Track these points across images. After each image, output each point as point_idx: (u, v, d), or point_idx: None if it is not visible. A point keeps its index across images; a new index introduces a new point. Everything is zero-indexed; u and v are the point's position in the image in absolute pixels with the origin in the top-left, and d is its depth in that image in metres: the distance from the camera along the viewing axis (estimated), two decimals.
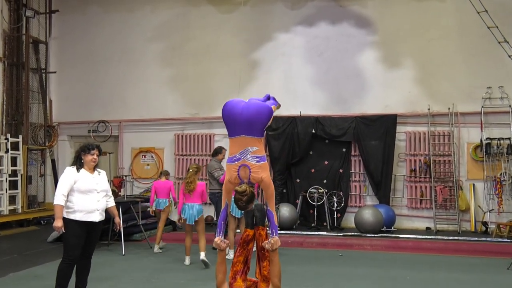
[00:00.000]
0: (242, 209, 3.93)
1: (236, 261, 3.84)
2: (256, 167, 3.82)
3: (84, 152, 4.97)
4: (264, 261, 3.82)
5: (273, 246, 3.69)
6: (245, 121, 3.91)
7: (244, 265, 3.85)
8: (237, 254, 3.87)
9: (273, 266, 3.73)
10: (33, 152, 12.04)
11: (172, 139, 12.14)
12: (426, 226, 10.62)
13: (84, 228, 4.85)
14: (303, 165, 11.25)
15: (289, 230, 9.91)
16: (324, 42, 11.54)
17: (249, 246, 3.91)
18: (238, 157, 3.87)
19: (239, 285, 3.81)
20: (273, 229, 3.81)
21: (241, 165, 3.84)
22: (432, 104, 10.74)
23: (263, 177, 3.83)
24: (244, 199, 3.80)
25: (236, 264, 3.84)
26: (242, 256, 3.85)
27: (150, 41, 12.38)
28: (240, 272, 3.83)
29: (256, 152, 3.87)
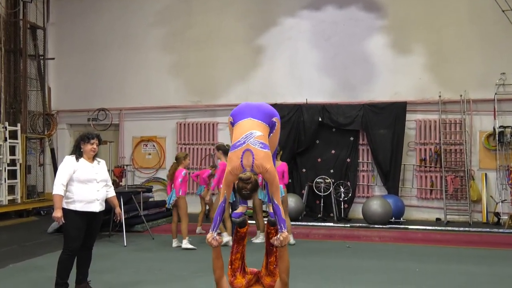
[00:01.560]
0: (246, 198, 3.78)
1: (234, 258, 3.78)
2: (259, 153, 3.67)
3: (84, 141, 4.97)
4: (271, 256, 3.77)
5: (282, 243, 3.55)
6: (254, 107, 3.93)
7: (241, 261, 3.81)
8: (234, 251, 3.80)
9: (282, 262, 3.62)
10: (32, 141, 12.09)
11: (174, 127, 12.15)
12: (436, 217, 10.61)
13: (84, 218, 4.87)
14: (309, 154, 11.23)
15: (295, 221, 9.92)
16: (331, 26, 11.45)
17: (244, 242, 3.86)
18: (241, 141, 3.73)
19: (240, 282, 3.79)
20: (281, 223, 3.66)
21: (244, 150, 3.68)
22: (443, 91, 10.66)
23: (268, 168, 3.67)
24: (249, 187, 3.65)
25: (234, 262, 3.79)
26: (239, 253, 3.80)
27: (151, 26, 12.34)
28: (239, 269, 3.80)
29: (261, 137, 3.75)
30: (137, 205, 8.89)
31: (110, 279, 5.76)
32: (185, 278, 5.84)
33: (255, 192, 3.73)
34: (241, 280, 3.77)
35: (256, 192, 3.75)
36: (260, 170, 3.68)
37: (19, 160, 11.24)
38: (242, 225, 3.79)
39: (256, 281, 3.85)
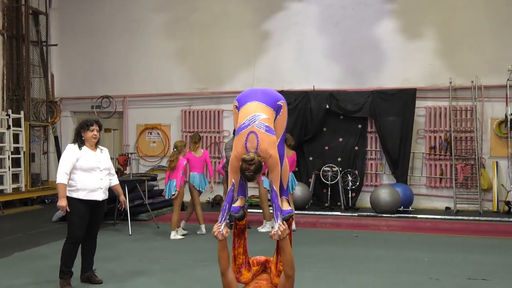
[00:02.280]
0: (250, 180, 3.68)
1: (237, 253, 3.72)
2: (264, 137, 3.61)
3: (83, 129, 4.99)
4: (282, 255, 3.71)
5: (281, 236, 3.43)
6: (260, 91, 3.90)
7: (245, 255, 3.77)
8: (236, 245, 3.74)
9: (284, 255, 3.46)
10: (35, 128, 12.15)
11: (179, 115, 12.15)
12: (446, 206, 10.59)
13: (88, 207, 4.91)
14: (317, 142, 11.21)
15: (301, 210, 9.95)
16: (340, 11, 11.34)
17: (245, 235, 3.81)
18: (246, 124, 3.68)
19: (246, 276, 3.74)
20: (277, 211, 3.55)
21: (249, 132, 3.63)
22: (454, 77, 10.56)
23: (271, 154, 3.61)
24: (252, 168, 3.56)
25: (237, 257, 3.72)
26: (241, 247, 3.76)
27: (155, 11, 12.28)
28: (243, 264, 3.76)
29: (266, 120, 3.69)
30: (141, 193, 8.94)
31: (115, 267, 5.82)
32: (190, 267, 5.88)
33: (258, 174, 3.63)
34: (247, 275, 3.74)
35: (259, 173, 3.65)
36: (264, 155, 3.62)
37: (22, 148, 11.32)
38: (241, 218, 3.75)
39: (263, 271, 3.84)
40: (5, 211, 10.25)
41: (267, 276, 3.75)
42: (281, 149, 3.80)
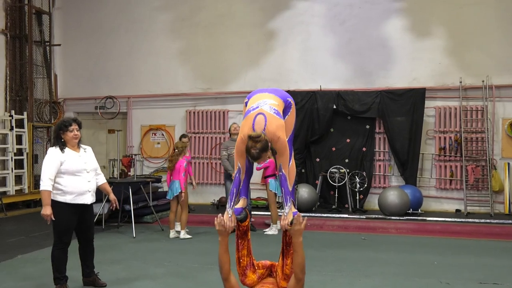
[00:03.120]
0: (256, 159, 3.55)
1: (241, 255, 3.70)
2: (272, 118, 3.56)
3: (62, 130, 4.81)
4: (287, 257, 3.68)
5: (295, 226, 3.30)
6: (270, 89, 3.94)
7: (249, 257, 3.75)
8: (239, 247, 3.72)
9: (296, 257, 3.36)
10: (38, 129, 12.21)
11: (183, 115, 12.18)
12: (456, 208, 10.54)
13: (76, 211, 4.79)
14: (324, 143, 11.19)
15: (308, 212, 9.93)
16: (346, 9, 11.33)
17: (248, 236, 3.79)
18: (255, 106, 3.67)
19: (252, 278, 3.71)
20: (286, 195, 3.49)
21: (257, 114, 3.59)
22: (464, 76, 10.52)
23: (280, 136, 3.54)
24: (258, 145, 3.45)
25: (241, 259, 3.69)
26: (245, 249, 3.73)
27: (159, 10, 12.32)
28: (248, 265, 3.74)
29: (275, 105, 3.68)
30: (146, 195, 8.97)
31: (119, 270, 5.84)
32: (196, 271, 5.89)
33: (264, 153, 3.52)
34: (253, 277, 3.73)
35: (266, 152, 3.53)
36: (271, 136, 3.54)
37: (25, 149, 11.38)
38: (243, 220, 3.73)
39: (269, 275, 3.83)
40: (8, 213, 10.31)
41: (273, 280, 3.75)
42: (290, 148, 3.75)
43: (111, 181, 9.00)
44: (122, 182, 8.76)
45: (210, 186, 11.90)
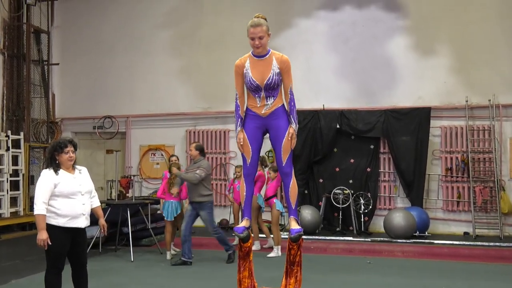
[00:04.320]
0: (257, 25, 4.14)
1: (242, 277, 3.74)
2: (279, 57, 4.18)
3: (57, 151, 4.72)
4: (291, 277, 3.72)
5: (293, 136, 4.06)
6: None
7: (250, 279, 3.78)
8: (241, 269, 3.77)
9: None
10: (35, 150, 12.26)
11: (183, 135, 12.23)
12: (464, 231, 10.50)
13: (69, 235, 4.71)
14: (327, 163, 11.21)
15: (311, 235, 9.90)
16: (350, 28, 11.47)
17: (250, 257, 3.82)
18: None
19: None
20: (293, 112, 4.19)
21: None
22: (470, 95, 10.58)
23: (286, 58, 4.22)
24: (260, 15, 4.14)
25: (242, 280, 3.74)
26: (246, 271, 3.77)
27: (159, 28, 12.47)
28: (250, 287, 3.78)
29: None
30: (144, 217, 8.95)
31: None
32: None
33: (265, 25, 4.15)
34: None
35: (266, 27, 4.15)
36: (277, 55, 4.18)
37: (21, 170, 11.40)
38: (246, 240, 3.77)
39: None
40: (3, 236, 10.29)
41: None
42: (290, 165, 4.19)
43: (109, 203, 9.03)
44: (120, 204, 8.75)
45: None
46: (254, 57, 4.23)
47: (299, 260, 3.69)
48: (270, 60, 4.20)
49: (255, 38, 4.13)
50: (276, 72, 4.13)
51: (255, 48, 4.18)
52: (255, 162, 4.17)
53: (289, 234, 3.82)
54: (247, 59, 4.24)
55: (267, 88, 4.14)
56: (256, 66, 4.20)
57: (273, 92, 4.17)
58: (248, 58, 4.25)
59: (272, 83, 4.11)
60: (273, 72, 4.13)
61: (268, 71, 4.13)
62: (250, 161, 4.15)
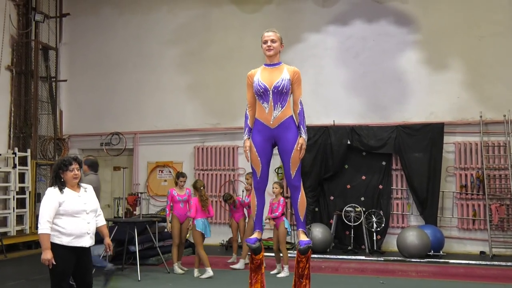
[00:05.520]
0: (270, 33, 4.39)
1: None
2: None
3: (62, 169, 4.74)
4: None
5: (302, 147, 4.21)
6: None
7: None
8: (252, 281, 3.82)
9: None
10: (42, 167, 12.34)
11: (191, 152, 12.26)
12: (480, 250, 10.36)
13: (73, 254, 4.70)
14: (338, 180, 11.16)
15: (322, 253, 9.83)
16: (360, 42, 11.51)
17: (262, 270, 3.87)
18: None
19: None
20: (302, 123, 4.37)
21: None
22: (484, 110, 10.53)
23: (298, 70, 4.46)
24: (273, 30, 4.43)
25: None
26: (258, 283, 3.80)
27: (168, 45, 12.61)
28: None
29: None
30: (152, 236, 8.94)
31: None
32: None
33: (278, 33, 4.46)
34: None
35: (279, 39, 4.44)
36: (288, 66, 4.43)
37: (28, 188, 11.47)
38: (258, 251, 3.83)
39: None
40: (8, 254, 10.29)
41: None
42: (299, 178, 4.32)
43: (116, 221, 9.04)
44: (127, 222, 8.76)
45: (218, 225, 11.84)
46: (266, 66, 4.40)
47: (307, 273, 3.73)
48: (281, 68, 4.36)
49: (267, 40, 4.33)
50: (286, 79, 4.26)
51: (267, 51, 4.33)
52: (265, 175, 4.30)
53: (298, 246, 3.89)
54: (259, 69, 4.43)
55: (275, 92, 4.22)
56: (267, 72, 4.36)
57: (281, 99, 4.26)
58: (259, 68, 4.44)
59: (281, 87, 4.20)
60: (283, 77, 4.24)
61: (278, 76, 4.29)
62: (260, 174, 4.27)
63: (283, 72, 4.34)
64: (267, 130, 4.28)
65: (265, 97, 4.28)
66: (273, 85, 4.24)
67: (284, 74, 4.29)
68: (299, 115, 4.38)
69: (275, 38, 4.40)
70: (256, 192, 4.31)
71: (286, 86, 4.24)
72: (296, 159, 4.22)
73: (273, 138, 4.31)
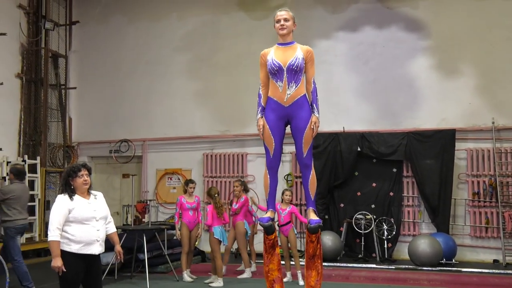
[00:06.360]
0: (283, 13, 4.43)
1: (268, 270, 3.85)
2: None
3: (71, 176, 4.77)
4: (313, 270, 3.80)
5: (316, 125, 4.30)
6: None
7: (278, 272, 3.86)
8: (266, 262, 3.87)
9: None
10: (51, 175, 12.44)
11: (200, 159, 12.30)
12: (494, 258, 10.26)
13: (82, 261, 4.70)
14: (348, 187, 11.13)
15: (332, 262, 9.79)
16: (370, 48, 11.51)
17: (276, 250, 3.91)
18: None
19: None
20: (314, 102, 4.37)
21: None
22: (497, 116, 10.47)
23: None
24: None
25: (269, 273, 3.84)
26: (272, 263, 3.84)
27: (176, 52, 12.69)
28: (277, 281, 3.82)
29: None
30: (160, 243, 8.98)
31: None
32: None
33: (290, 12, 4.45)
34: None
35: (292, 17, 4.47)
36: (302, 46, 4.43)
37: (37, 195, 11.55)
38: (270, 230, 3.88)
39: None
40: None
41: None
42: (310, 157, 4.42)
43: (125, 228, 9.08)
44: (136, 230, 8.80)
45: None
46: (279, 46, 4.46)
47: (319, 253, 3.76)
48: (295, 47, 4.43)
49: (280, 19, 4.40)
50: (300, 57, 4.34)
51: (280, 30, 4.41)
52: (278, 153, 4.36)
53: (308, 224, 3.92)
54: (272, 49, 4.48)
55: (290, 70, 4.30)
56: (280, 50, 4.42)
57: (295, 77, 4.33)
58: (273, 48, 4.49)
59: (295, 65, 4.28)
60: (297, 56, 4.33)
61: (292, 55, 4.35)
62: (273, 153, 4.33)
63: (297, 51, 4.40)
64: (281, 108, 4.35)
65: (279, 75, 4.34)
66: (287, 63, 4.31)
67: (298, 53, 4.36)
68: (312, 94, 4.43)
69: (288, 17, 4.46)
70: (269, 171, 4.38)
71: (300, 65, 4.32)
72: (308, 138, 4.30)
73: (287, 116, 4.39)
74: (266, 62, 4.44)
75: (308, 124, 4.31)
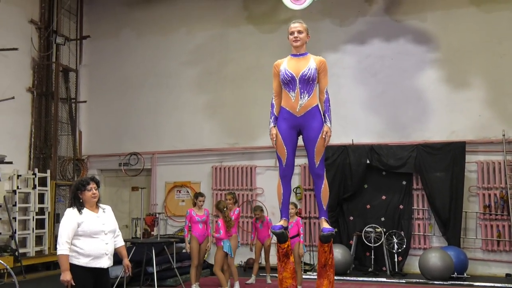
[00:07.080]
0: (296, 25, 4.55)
1: (282, 278, 3.86)
2: None
3: (80, 190, 4.82)
4: (324, 278, 3.80)
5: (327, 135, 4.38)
6: None
7: (292, 281, 3.86)
8: (280, 270, 3.89)
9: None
10: (61, 188, 12.53)
11: (209, 172, 12.33)
12: (506, 272, 10.14)
13: (91, 275, 4.72)
14: (357, 200, 11.10)
15: (342, 275, 9.73)
16: (378, 61, 11.54)
17: (290, 259, 3.92)
18: None
19: None
20: (327, 112, 4.55)
21: None
22: (507, 129, 10.43)
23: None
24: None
25: (283, 281, 3.85)
26: (286, 271, 3.85)
27: (185, 65, 12.80)
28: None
29: None
30: (169, 256, 8.97)
31: None
32: None
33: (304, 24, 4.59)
34: None
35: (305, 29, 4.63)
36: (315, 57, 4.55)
37: (47, 208, 11.63)
38: (282, 238, 3.91)
39: None
40: (27, 275, 10.39)
41: None
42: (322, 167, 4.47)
43: (134, 241, 9.10)
44: (145, 243, 8.82)
45: None
46: (292, 57, 4.57)
47: (331, 262, 3.76)
48: (308, 58, 4.53)
49: (294, 31, 4.51)
50: (313, 68, 4.41)
51: (293, 42, 4.51)
52: (291, 162, 4.42)
53: (321, 233, 3.95)
54: (285, 59, 4.60)
55: (302, 80, 4.35)
56: (294, 61, 4.52)
57: (308, 87, 4.39)
58: (286, 58, 4.61)
59: (308, 75, 4.33)
60: (309, 66, 4.38)
61: (305, 65, 4.45)
62: (286, 162, 4.38)
63: (310, 61, 4.50)
64: (293, 118, 4.41)
65: (292, 85, 4.41)
66: (300, 74, 4.37)
67: (311, 64, 4.44)
68: (325, 103, 4.53)
69: (302, 29, 4.56)
70: (282, 180, 4.42)
71: (313, 75, 4.39)
72: (320, 148, 4.34)
73: (299, 126, 4.44)
74: (279, 72, 4.53)
75: (320, 134, 4.34)
